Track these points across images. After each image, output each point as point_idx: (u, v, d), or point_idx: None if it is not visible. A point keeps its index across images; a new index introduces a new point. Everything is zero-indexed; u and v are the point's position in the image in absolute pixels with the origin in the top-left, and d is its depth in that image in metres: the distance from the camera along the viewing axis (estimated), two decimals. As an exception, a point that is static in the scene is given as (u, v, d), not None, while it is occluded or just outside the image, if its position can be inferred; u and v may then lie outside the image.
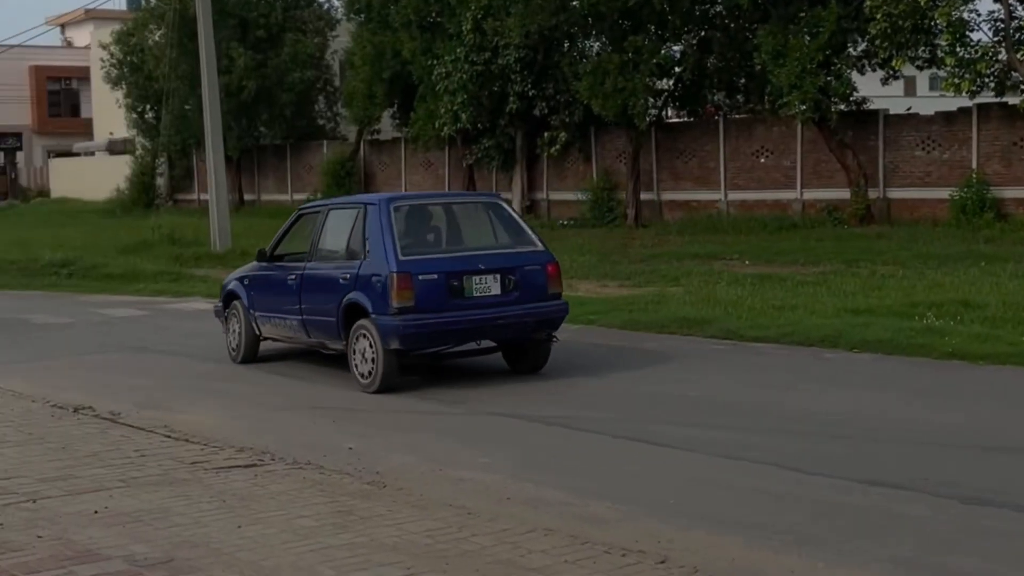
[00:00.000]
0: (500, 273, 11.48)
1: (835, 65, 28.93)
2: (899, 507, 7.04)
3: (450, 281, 11.19)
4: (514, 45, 33.63)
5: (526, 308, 11.58)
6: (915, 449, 8.49)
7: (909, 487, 7.39)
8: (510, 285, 11.51)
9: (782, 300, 15.96)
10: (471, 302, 11.30)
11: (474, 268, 11.38)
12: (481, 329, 11.47)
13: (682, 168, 34.32)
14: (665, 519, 6.91)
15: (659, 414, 9.95)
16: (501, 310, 11.42)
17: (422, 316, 11.02)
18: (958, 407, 9.97)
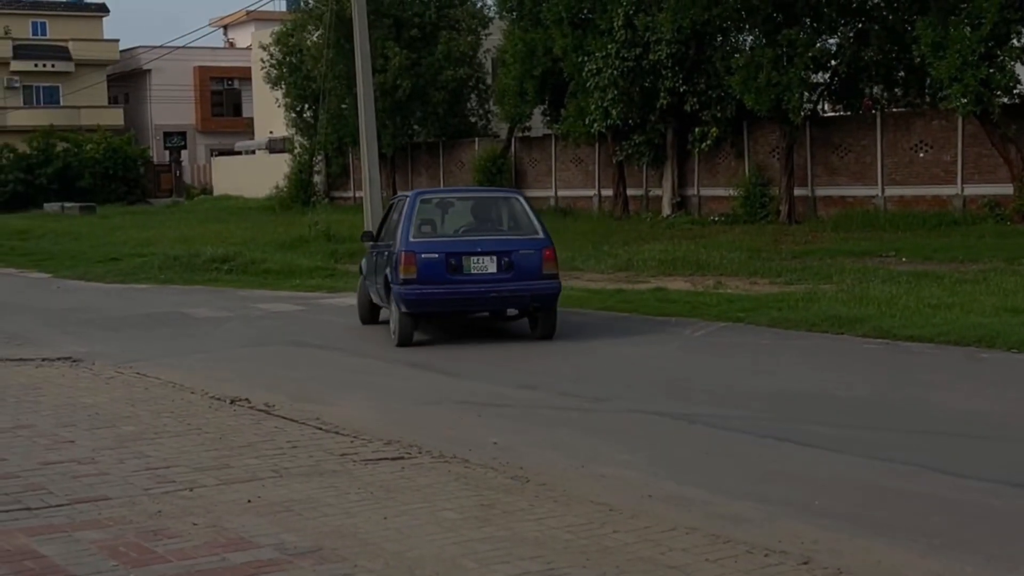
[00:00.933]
0: (496, 255, 13.88)
1: (998, 57, 28.03)
2: (1053, 513, 6.85)
3: (449, 260, 13.78)
4: (665, 40, 33.47)
5: (519, 285, 13.83)
6: (1074, 454, 8.23)
7: (1065, 492, 7.18)
8: (505, 265, 13.86)
9: (938, 299, 15.57)
10: (468, 278, 13.82)
11: (472, 250, 13.88)
12: (475, 300, 14.05)
13: (837, 163, 33.67)
14: (809, 520, 6.83)
15: (806, 414, 9.83)
16: (494, 286, 13.81)
17: (423, 287, 13.71)
18: (1122, 411, 9.62)
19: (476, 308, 14.43)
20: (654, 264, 22.91)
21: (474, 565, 5.94)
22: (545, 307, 14.17)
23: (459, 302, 14.08)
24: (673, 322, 15.66)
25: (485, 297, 13.98)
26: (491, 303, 14.19)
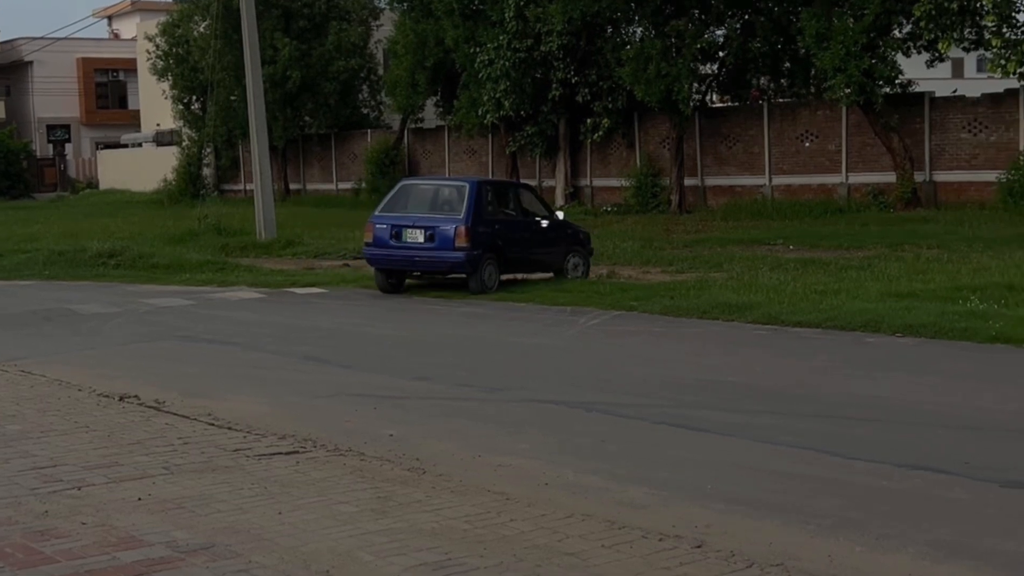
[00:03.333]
0: (423, 229, 17.57)
1: (880, 48, 28.71)
2: (938, 491, 7.02)
3: (393, 230, 17.77)
4: (556, 32, 33.60)
5: (436, 253, 17.51)
6: (956, 433, 8.46)
7: (949, 471, 7.37)
8: (428, 237, 17.49)
9: (825, 285, 15.90)
10: (404, 245, 17.75)
11: (409, 224, 17.75)
12: (408, 261, 17.99)
13: (726, 153, 34.17)
14: (703, 504, 6.92)
15: (699, 399, 9.96)
16: (419, 252, 17.71)
17: (376, 249, 18.09)
18: (1000, 391, 9.91)
19: (410, 267, 18.17)
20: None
21: (370, 557, 5.90)
22: (458, 271, 17.60)
23: (397, 262, 18.01)
24: (568, 311, 15.76)
25: (413, 260, 17.92)
26: (419, 265, 18.05)
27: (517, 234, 18.43)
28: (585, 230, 20.32)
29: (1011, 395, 9.74)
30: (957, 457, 7.71)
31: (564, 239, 19.15)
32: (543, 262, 18.90)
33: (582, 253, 19.30)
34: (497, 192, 18.93)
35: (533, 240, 18.77)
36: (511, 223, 18.53)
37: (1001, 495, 6.90)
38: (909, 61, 30.53)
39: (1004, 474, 7.27)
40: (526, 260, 18.63)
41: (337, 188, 46.44)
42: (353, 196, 43.73)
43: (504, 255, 17.87)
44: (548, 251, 18.86)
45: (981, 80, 44.91)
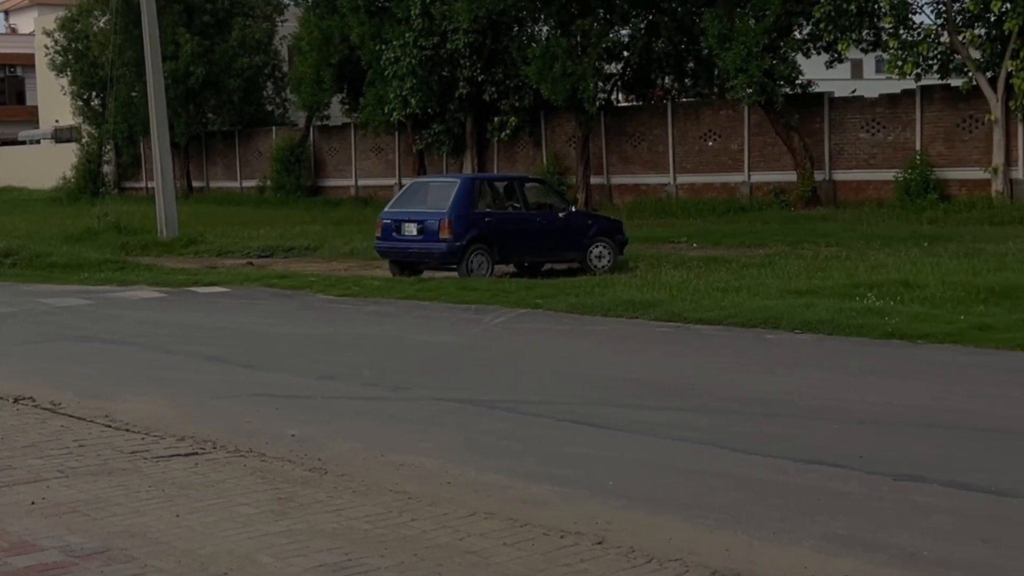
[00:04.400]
0: (416, 223, 18.86)
1: (781, 48, 29.18)
2: (833, 485, 7.14)
3: (394, 225, 19.23)
4: (463, 30, 33.61)
5: (426, 244, 18.83)
6: (851, 428, 8.61)
7: (844, 465, 7.50)
8: (419, 230, 18.83)
9: (727, 283, 16.11)
10: (402, 238, 19.17)
11: (405, 219, 19.08)
12: (405, 252, 19.32)
13: (631, 152, 34.45)
14: (605, 500, 6.96)
15: (602, 396, 10.02)
16: (413, 244, 19.07)
17: (381, 242, 19.65)
18: (894, 386, 10.11)
19: (407, 258, 19.46)
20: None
21: (269, 559, 5.85)
22: (444, 261, 18.80)
23: (397, 253, 19.49)
24: (473, 309, 15.76)
25: (408, 251, 19.32)
26: (412, 255, 19.32)
27: (514, 226, 19.28)
28: (617, 220, 20.83)
29: (905, 390, 9.95)
30: (852, 451, 7.85)
31: (582, 230, 19.68)
32: (554, 252, 19.51)
33: (608, 244, 19.73)
34: (494, 187, 20.18)
35: (538, 232, 19.45)
36: (507, 216, 19.40)
37: (894, 488, 7.03)
38: (809, 62, 31.11)
39: (897, 467, 7.42)
40: (528, 251, 19.35)
41: (241, 186, 45.95)
42: (258, 194, 43.30)
43: (498, 246, 18.86)
44: (560, 242, 19.49)
45: (879, 81, 45.81)
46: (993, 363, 10.96)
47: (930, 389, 9.97)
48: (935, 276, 15.32)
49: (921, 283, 14.79)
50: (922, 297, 14.01)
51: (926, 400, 9.51)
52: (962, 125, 28.19)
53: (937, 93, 28.78)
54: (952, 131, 28.33)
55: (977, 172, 27.53)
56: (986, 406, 9.20)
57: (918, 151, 28.41)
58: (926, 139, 28.62)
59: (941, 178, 27.86)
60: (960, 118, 28.20)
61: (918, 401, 9.46)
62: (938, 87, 28.79)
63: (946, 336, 11.95)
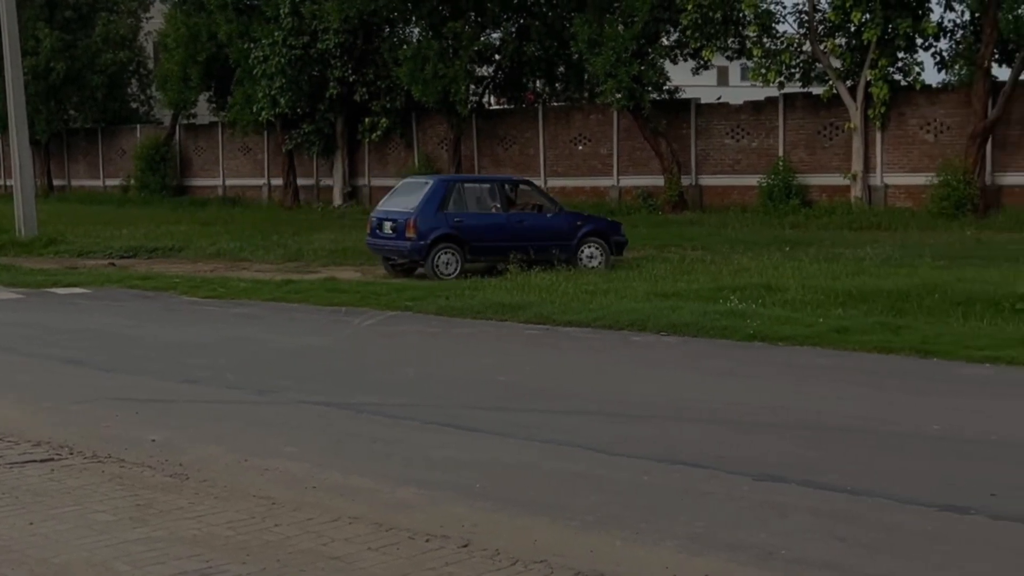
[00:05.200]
0: (391, 221, 19.44)
1: (649, 54, 29.57)
2: (696, 485, 7.25)
3: (377, 222, 19.88)
4: (333, 30, 33.37)
5: (396, 243, 19.38)
6: (714, 429, 8.76)
7: (706, 466, 7.63)
8: (393, 228, 19.37)
9: (595, 285, 16.27)
10: (382, 235, 19.73)
11: (384, 218, 19.71)
12: (384, 249, 19.85)
13: (503, 154, 34.59)
14: (471, 503, 6.96)
15: (469, 399, 10.03)
16: (388, 241, 19.60)
17: (369, 238, 20.30)
18: (756, 388, 10.32)
19: (385, 254, 20.02)
20: (325, 254, 22.85)
21: (127, 568, 5.72)
22: (411, 257, 19.29)
23: (379, 249, 20.08)
24: (343, 311, 15.66)
25: (385, 247, 19.79)
26: (388, 252, 19.83)
27: (489, 226, 19.51)
28: (615, 222, 20.83)
29: (766, 391, 10.16)
30: (714, 452, 7.99)
31: (571, 232, 19.76)
32: (539, 253, 19.39)
33: (600, 245, 19.78)
34: (473, 188, 20.37)
35: (519, 232, 19.47)
36: (482, 216, 19.62)
37: (753, 487, 7.18)
38: (676, 68, 31.61)
39: (757, 467, 7.57)
40: (505, 250, 19.28)
41: (104, 185, 44.91)
42: (121, 193, 42.37)
43: (469, 245, 19.17)
44: (544, 242, 19.53)
45: (744, 88, 46.78)
46: (850, 365, 11.27)
47: (790, 390, 10.20)
48: (796, 280, 15.69)
49: (782, 287, 15.14)
50: (783, 300, 14.34)
51: (786, 401, 9.73)
52: (823, 132, 28.94)
53: (799, 101, 29.49)
54: (813, 138, 29.06)
55: (837, 178, 28.29)
56: (843, 407, 9.45)
57: (781, 157, 29.08)
58: (788, 146, 29.31)
59: (803, 184, 28.56)
60: (821, 125, 28.95)
61: (778, 402, 9.67)
62: (800, 95, 29.50)
63: (806, 338, 12.25)
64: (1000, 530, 6.29)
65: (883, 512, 6.63)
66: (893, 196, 27.86)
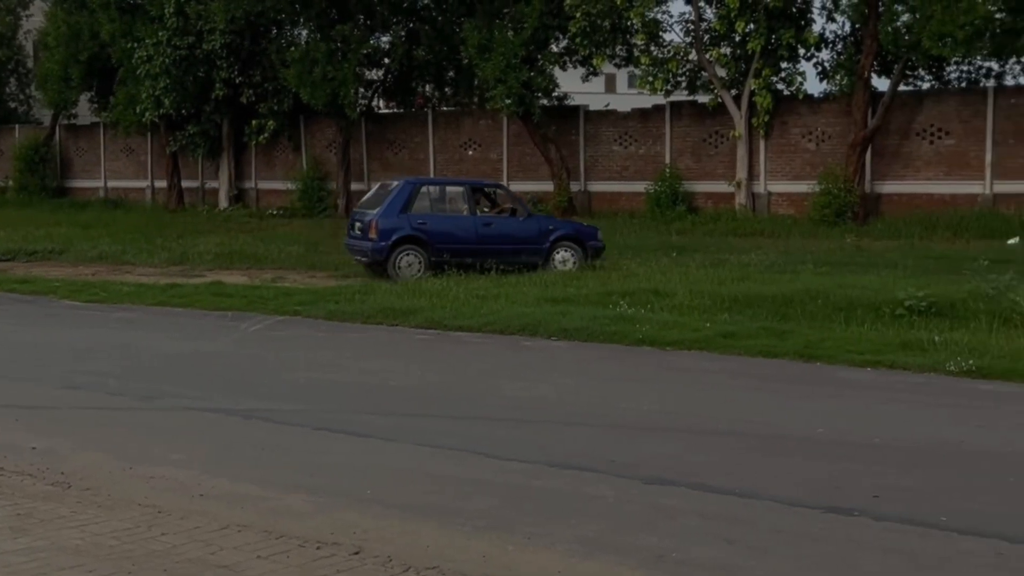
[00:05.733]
0: (359, 222, 19.88)
1: (538, 61, 29.72)
2: (586, 489, 7.29)
3: (351, 223, 20.39)
4: (219, 30, 32.91)
5: (361, 243, 19.70)
6: (604, 432, 8.83)
7: (596, 469, 7.68)
8: (359, 228, 19.83)
9: (486, 290, 16.29)
10: (354, 236, 20.05)
11: (355, 219, 20.25)
12: (355, 249, 20.01)
13: (392, 159, 34.47)
14: (362, 509, 6.91)
15: (359, 404, 9.96)
16: (357, 242, 19.88)
17: (346, 238, 20.67)
18: (645, 392, 10.43)
19: (355, 254, 20.16)
20: (210, 258, 22.52)
21: (7, 580, 5.56)
22: (374, 258, 19.40)
23: (351, 250, 20.21)
24: (230, 316, 15.44)
25: (354, 248, 20.04)
26: (356, 252, 20.01)
27: (455, 229, 19.70)
28: (591, 227, 20.91)
29: (654, 395, 10.27)
30: (604, 456, 8.04)
31: (542, 235, 19.88)
32: (508, 256, 19.56)
33: (573, 249, 19.85)
34: (442, 191, 20.62)
35: (484, 235, 19.67)
36: (448, 218, 19.86)
37: (643, 491, 7.24)
38: (566, 75, 31.82)
39: (646, 471, 7.64)
40: (472, 253, 19.48)
41: (-19, 186, 43.67)
42: (-1, 195, 41.28)
43: (433, 247, 19.31)
44: (513, 246, 19.75)
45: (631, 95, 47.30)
46: (737, 369, 11.45)
47: (679, 394, 10.33)
48: (683, 285, 15.89)
49: (670, 292, 15.33)
50: (671, 305, 14.51)
51: (675, 405, 9.84)
52: (708, 140, 29.38)
53: (686, 109, 29.89)
54: (699, 146, 29.48)
55: (722, 185, 28.74)
56: (731, 411, 9.58)
57: (668, 164, 29.44)
58: (675, 153, 29.69)
59: (689, 191, 28.96)
60: (707, 133, 29.38)
61: (667, 406, 9.78)
62: (687, 103, 29.91)
63: (693, 343, 12.42)
64: (883, 531, 6.43)
65: (770, 514, 6.74)
66: (776, 203, 28.40)
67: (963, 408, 9.64)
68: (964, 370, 10.85)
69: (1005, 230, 24.18)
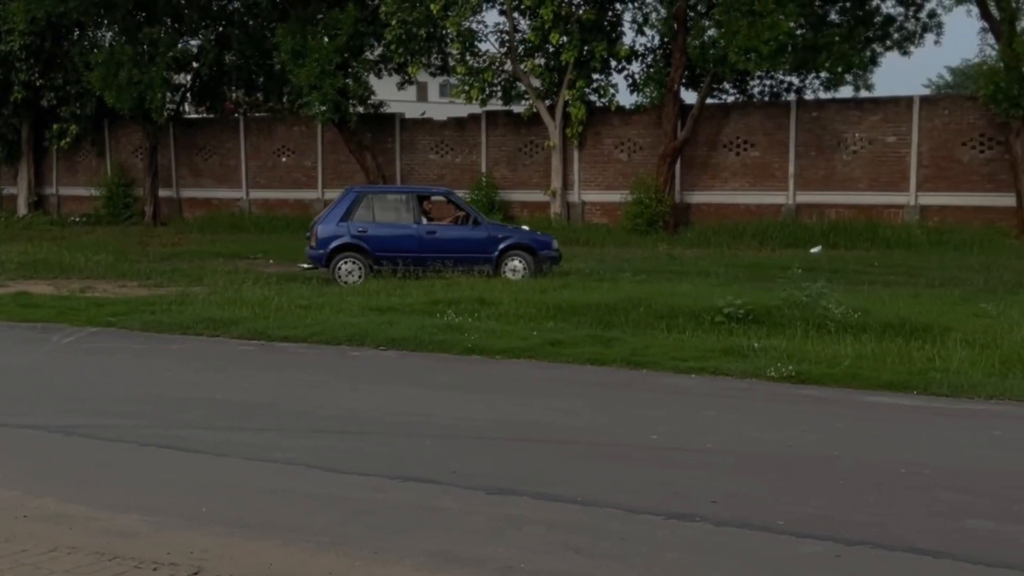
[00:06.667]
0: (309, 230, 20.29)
1: (353, 68, 29.53)
2: (431, 501, 7.23)
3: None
4: (19, 31, 31.62)
5: (308, 251, 20.08)
6: (444, 443, 8.77)
7: (439, 481, 7.62)
8: (308, 238, 20.21)
9: (309, 300, 16.07)
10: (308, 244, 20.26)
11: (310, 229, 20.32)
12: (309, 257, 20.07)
13: (203, 165, 33.75)
14: (199, 528, 6.69)
15: (188, 419, 9.66)
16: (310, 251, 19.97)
17: None
18: (479, 401, 10.42)
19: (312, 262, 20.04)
20: (13, 267, 21.58)
21: None
22: (318, 265, 19.74)
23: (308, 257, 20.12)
24: (39, 328, 14.81)
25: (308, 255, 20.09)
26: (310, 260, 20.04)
27: (395, 236, 19.77)
28: (545, 237, 20.72)
29: (489, 404, 10.27)
30: (445, 467, 7.99)
31: (491, 244, 19.89)
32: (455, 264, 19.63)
33: (524, 259, 19.67)
34: (383, 197, 20.55)
35: (427, 243, 19.75)
36: (389, 226, 19.88)
37: (487, 501, 7.22)
38: (381, 83, 31.70)
39: (489, 481, 7.63)
40: (413, 261, 19.62)
41: None
42: None
43: (373, 255, 19.54)
44: (460, 254, 19.78)
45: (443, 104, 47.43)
46: (567, 377, 11.55)
47: (512, 403, 10.35)
48: (508, 294, 15.98)
49: (496, 300, 15.38)
50: (497, 314, 14.57)
51: (510, 414, 9.86)
52: (524, 150, 29.68)
53: (501, 119, 30.14)
54: (515, 155, 29.76)
55: (538, 194, 29.07)
56: (565, 419, 9.66)
57: (484, 173, 29.63)
58: (491, 162, 29.90)
59: (506, 199, 29.19)
60: (522, 143, 29.68)
61: (503, 415, 9.79)
62: (502, 113, 30.15)
63: (522, 351, 12.49)
64: (724, 535, 6.57)
65: (615, 522, 6.81)
66: (590, 212, 28.88)
67: (787, 413, 9.95)
68: (784, 375, 11.21)
69: (808, 239, 25.17)
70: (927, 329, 13.25)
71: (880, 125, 26.35)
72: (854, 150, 26.55)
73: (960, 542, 6.44)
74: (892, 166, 26.13)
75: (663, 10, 27.72)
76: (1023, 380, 10.85)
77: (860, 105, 26.79)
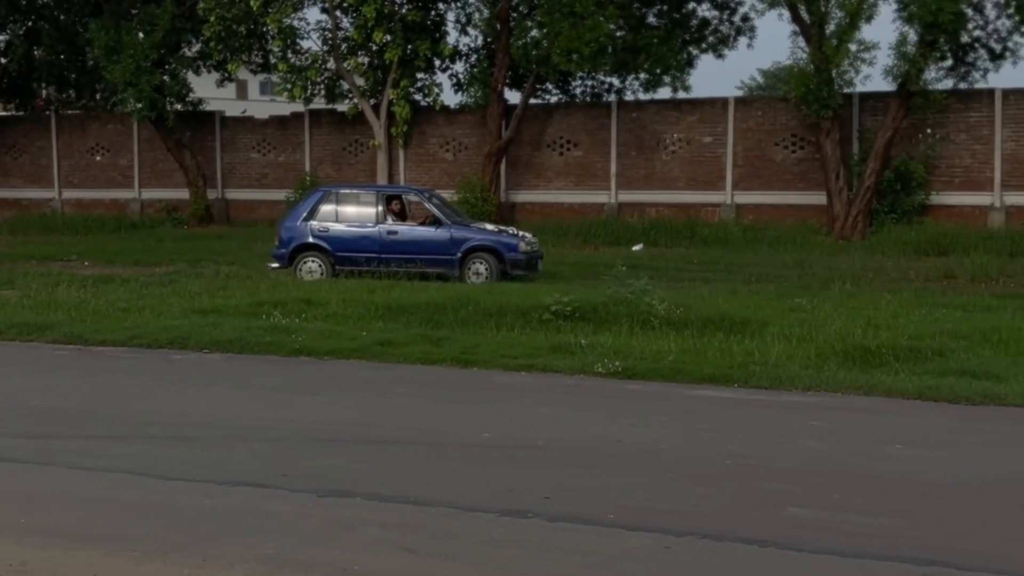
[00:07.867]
0: None
1: (170, 64, 28.87)
2: (261, 506, 7.10)
3: None
4: None
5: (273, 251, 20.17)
6: (271, 446, 8.63)
7: (268, 485, 7.49)
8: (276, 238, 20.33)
9: (128, 302, 15.63)
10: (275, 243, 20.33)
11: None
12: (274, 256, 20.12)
13: (12, 164, 32.52)
14: (17, 539, 6.43)
15: (4, 428, 9.26)
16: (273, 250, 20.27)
17: None
18: (308, 403, 10.29)
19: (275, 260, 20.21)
20: None
21: None
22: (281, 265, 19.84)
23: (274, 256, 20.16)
24: None
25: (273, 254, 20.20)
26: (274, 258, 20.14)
27: (355, 236, 19.62)
28: (509, 240, 19.85)
29: (318, 405, 10.15)
30: (274, 470, 7.86)
31: (452, 245, 19.49)
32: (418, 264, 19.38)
33: (489, 262, 19.27)
34: (346, 197, 20.29)
35: (388, 244, 19.49)
36: (353, 227, 19.72)
37: (319, 504, 7.13)
38: (200, 80, 31.04)
39: (320, 483, 7.53)
40: (374, 261, 19.41)
41: None
42: None
43: (335, 255, 19.49)
44: (421, 255, 19.48)
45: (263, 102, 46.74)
46: (397, 377, 11.50)
47: (343, 404, 10.25)
48: (335, 294, 15.83)
49: (323, 300, 15.22)
50: (325, 314, 14.42)
51: (340, 415, 9.76)
52: (349, 148, 29.45)
53: (325, 117, 29.84)
54: (340, 154, 29.51)
55: (363, 194, 28.84)
56: (396, 419, 9.61)
57: (308, 172, 29.30)
58: (315, 161, 29.58)
59: (330, 199, 28.87)
60: (347, 142, 29.45)
61: (333, 416, 9.69)
62: (326, 111, 29.86)
63: (351, 352, 12.38)
64: (557, 531, 6.62)
65: (448, 521, 6.80)
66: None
67: (615, 408, 10.09)
68: (612, 371, 11.38)
69: (630, 237, 25.65)
70: (746, 324, 13.64)
71: (697, 125, 27.03)
72: (672, 150, 27.16)
73: (783, 530, 6.64)
74: (709, 165, 26.83)
75: (486, 10, 27.87)
76: (838, 372, 11.26)
77: (678, 106, 27.43)
